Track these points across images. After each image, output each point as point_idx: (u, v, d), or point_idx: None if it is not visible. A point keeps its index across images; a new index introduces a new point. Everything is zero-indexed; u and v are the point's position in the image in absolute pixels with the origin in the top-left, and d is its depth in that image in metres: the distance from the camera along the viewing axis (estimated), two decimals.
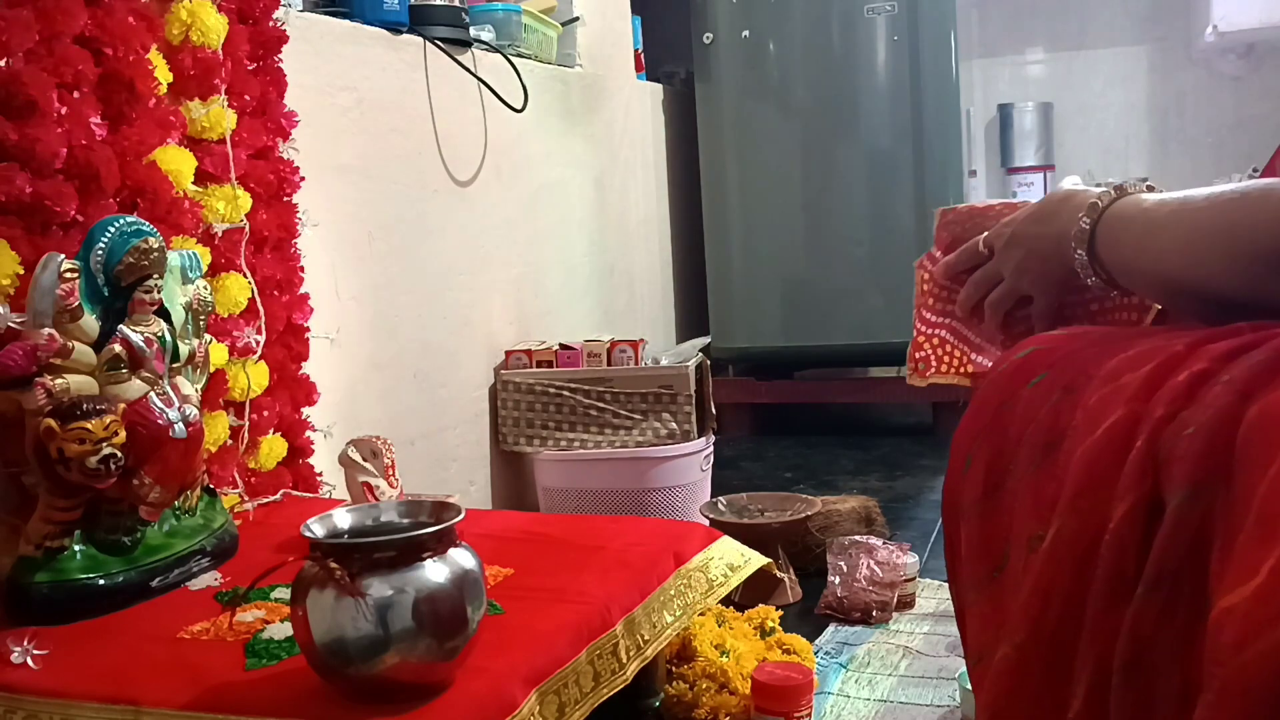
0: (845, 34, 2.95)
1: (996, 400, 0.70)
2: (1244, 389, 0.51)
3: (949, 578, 0.76)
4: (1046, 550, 0.58)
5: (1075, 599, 0.55)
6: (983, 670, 0.64)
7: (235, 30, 1.45)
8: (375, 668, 0.82)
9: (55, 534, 1.08)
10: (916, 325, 0.97)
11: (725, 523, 1.70)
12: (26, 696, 0.92)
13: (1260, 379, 0.51)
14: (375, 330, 1.85)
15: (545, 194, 2.49)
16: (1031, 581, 0.59)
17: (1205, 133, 3.93)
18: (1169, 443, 0.53)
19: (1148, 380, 0.57)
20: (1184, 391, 0.55)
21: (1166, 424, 0.54)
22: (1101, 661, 0.53)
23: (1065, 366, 0.66)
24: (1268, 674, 0.41)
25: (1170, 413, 0.54)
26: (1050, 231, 0.82)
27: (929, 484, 2.44)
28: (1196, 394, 0.54)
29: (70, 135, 1.20)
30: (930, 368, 0.96)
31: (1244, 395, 0.51)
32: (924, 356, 0.96)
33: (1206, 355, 0.56)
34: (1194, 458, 0.50)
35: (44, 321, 1.06)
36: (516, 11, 2.34)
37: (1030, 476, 0.63)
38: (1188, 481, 0.50)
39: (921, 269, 0.97)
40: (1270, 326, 0.58)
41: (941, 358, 0.95)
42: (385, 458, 1.37)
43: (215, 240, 1.42)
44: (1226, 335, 0.58)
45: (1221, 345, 0.57)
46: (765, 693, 1.24)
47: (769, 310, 3.08)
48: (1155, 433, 0.54)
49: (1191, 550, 0.49)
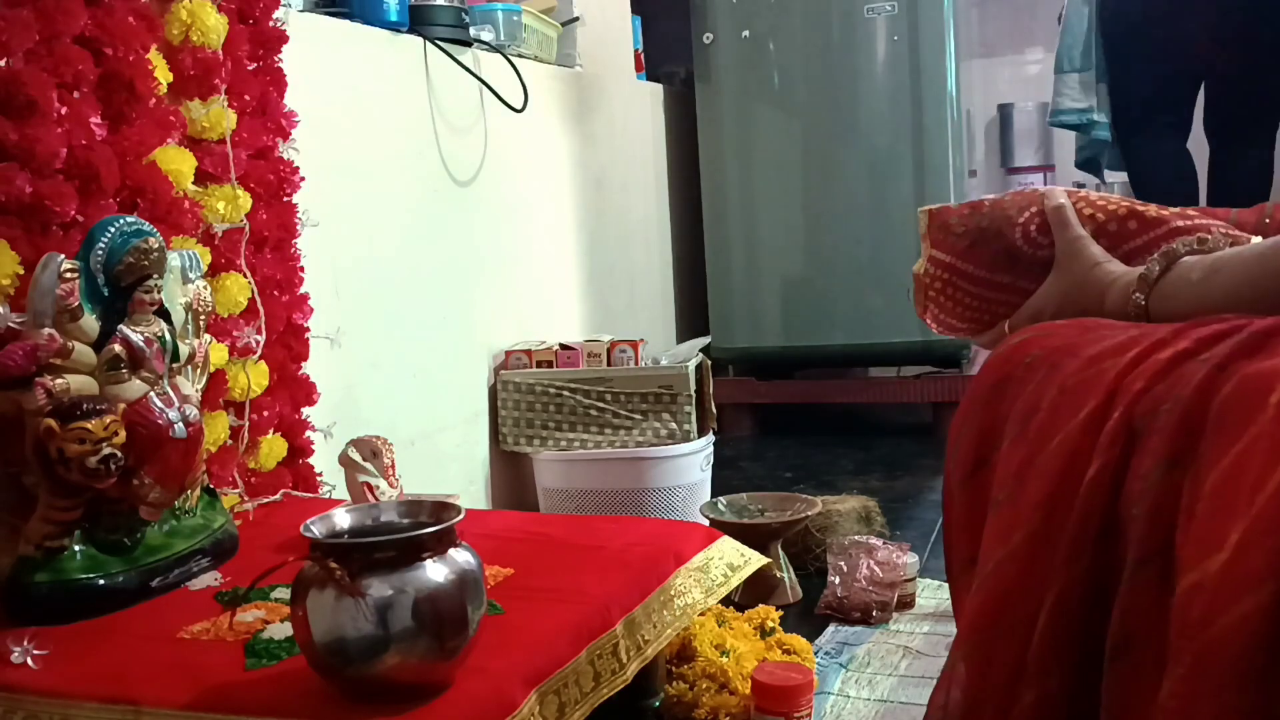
0: (845, 34, 2.95)
1: (990, 381, 0.71)
2: (1221, 364, 0.51)
3: (946, 565, 0.76)
4: (1007, 504, 0.59)
5: (1040, 542, 0.56)
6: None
7: (235, 30, 1.45)
8: (375, 668, 0.82)
9: (55, 534, 1.08)
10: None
11: (725, 523, 1.70)
12: (26, 696, 0.92)
13: (1238, 356, 0.52)
14: (375, 330, 1.85)
15: (545, 194, 2.49)
16: (998, 524, 0.60)
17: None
18: (1146, 416, 0.53)
19: (1131, 363, 0.58)
20: (1164, 368, 0.55)
21: (1143, 395, 0.54)
22: (1057, 612, 0.54)
23: (1056, 348, 0.67)
24: (1235, 647, 0.41)
25: (1148, 386, 0.55)
26: (1094, 309, 0.82)
27: (929, 484, 2.43)
28: (1176, 370, 0.54)
29: (70, 135, 1.20)
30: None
31: (1220, 369, 0.51)
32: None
33: (1190, 337, 0.57)
34: (1171, 431, 0.51)
35: (44, 321, 1.06)
36: (516, 11, 2.34)
37: (1006, 448, 0.64)
38: (1164, 457, 0.51)
39: (936, 266, 0.94)
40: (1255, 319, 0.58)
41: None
42: (385, 458, 1.37)
43: (215, 240, 1.42)
44: (1212, 323, 0.59)
45: (1205, 330, 0.58)
46: (765, 693, 1.24)
47: (769, 310, 3.08)
48: (1132, 404, 0.55)
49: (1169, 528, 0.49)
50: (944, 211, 0.95)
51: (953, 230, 0.94)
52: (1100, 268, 0.84)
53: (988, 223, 0.92)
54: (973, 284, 0.93)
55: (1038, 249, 0.90)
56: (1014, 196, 0.94)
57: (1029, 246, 0.90)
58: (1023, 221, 0.91)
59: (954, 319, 0.96)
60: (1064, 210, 0.89)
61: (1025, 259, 0.91)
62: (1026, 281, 0.91)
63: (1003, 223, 0.91)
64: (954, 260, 0.94)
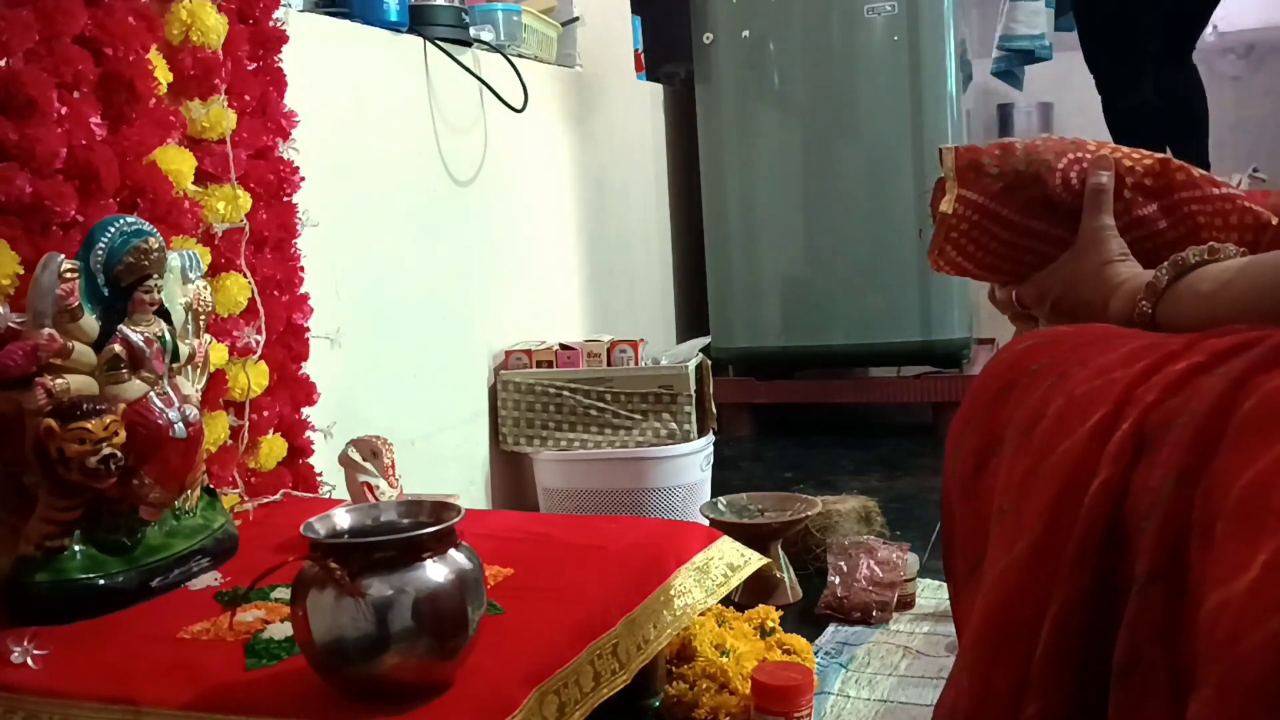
0: (845, 34, 2.95)
1: (994, 386, 0.70)
2: (1240, 378, 0.51)
3: (945, 571, 0.76)
4: (1011, 513, 0.59)
5: (1042, 552, 0.55)
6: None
7: (235, 30, 1.45)
8: (375, 668, 0.82)
9: (55, 534, 1.08)
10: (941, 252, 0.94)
11: (725, 523, 1.70)
12: (26, 696, 0.92)
13: (1257, 370, 0.51)
14: (375, 330, 1.85)
15: (545, 194, 2.49)
16: (1001, 534, 0.59)
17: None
18: (1159, 428, 0.53)
19: (1142, 374, 0.57)
20: (1178, 380, 0.54)
21: (1156, 407, 0.54)
22: (1061, 624, 0.53)
23: (1064, 356, 0.66)
24: (1263, 667, 0.41)
25: (1161, 398, 0.54)
26: (1098, 307, 0.82)
27: (929, 484, 2.43)
28: (1191, 384, 0.54)
29: (70, 135, 1.20)
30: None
31: (1239, 384, 0.51)
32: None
33: (1204, 350, 0.56)
34: (1185, 445, 0.50)
35: (44, 321, 1.06)
36: (516, 11, 2.34)
37: (1009, 455, 0.63)
38: (1177, 470, 0.50)
39: (967, 206, 0.91)
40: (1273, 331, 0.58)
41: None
42: (385, 458, 1.37)
43: (215, 240, 1.42)
44: (1226, 335, 0.58)
45: (1221, 342, 0.57)
46: (765, 693, 1.24)
47: (769, 310, 3.08)
48: (1143, 415, 0.54)
49: (1180, 544, 0.49)
50: (974, 150, 0.91)
51: (986, 171, 0.90)
52: (1111, 266, 0.83)
53: (1024, 166, 0.89)
54: (1004, 228, 0.90)
55: (1077, 198, 0.88)
56: (1046, 142, 0.91)
57: (1068, 195, 0.88)
58: (1062, 168, 0.88)
59: (971, 263, 0.93)
60: (1102, 194, 0.87)
61: (1064, 207, 0.88)
62: (1061, 230, 0.89)
63: (1041, 167, 0.89)
64: (986, 201, 0.90)
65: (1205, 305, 0.71)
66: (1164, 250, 0.87)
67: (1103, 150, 0.90)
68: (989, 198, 0.90)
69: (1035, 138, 0.92)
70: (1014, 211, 0.90)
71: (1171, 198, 0.89)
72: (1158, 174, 0.89)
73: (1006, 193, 0.90)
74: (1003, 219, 0.90)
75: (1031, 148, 0.90)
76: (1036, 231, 0.90)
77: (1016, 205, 0.90)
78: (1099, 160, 0.89)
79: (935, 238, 0.92)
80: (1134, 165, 0.90)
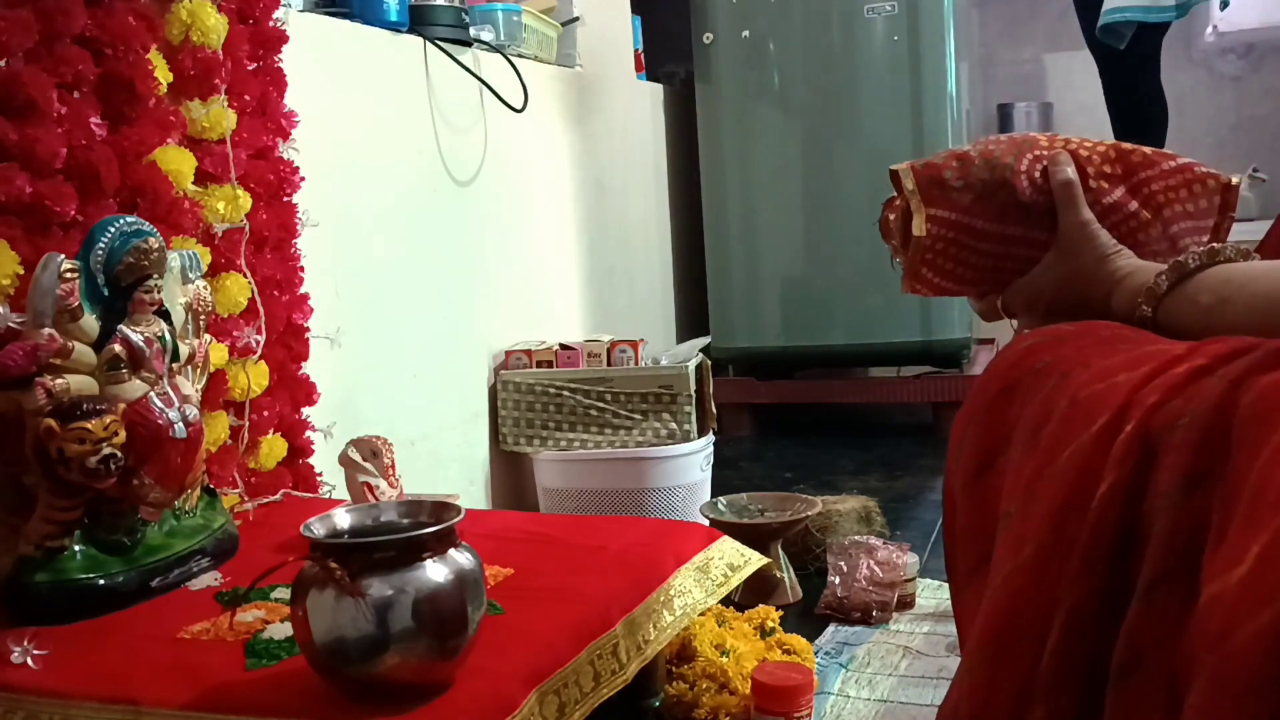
0: (845, 34, 2.95)
1: (997, 386, 0.70)
2: (1238, 379, 0.51)
3: (946, 570, 0.76)
4: (1018, 517, 0.58)
5: (1049, 556, 0.55)
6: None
7: (235, 30, 1.45)
8: (375, 668, 0.82)
9: (55, 534, 1.08)
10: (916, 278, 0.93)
11: (725, 523, 1.70)
12: (26, 696, 0.92)
13: (1254, 371, 0.51)
14: (375, 330, 1.85)
15: (545, 194, 2.49)
16: (1008, 538, 0.59)
17: (1205, 133, 3.92)
18: (1162, 433, 0.53)
19: (1144, 378, 0.57)
20: (1180, 382, 0.55)
21: (1158, 410, 0.54)
22: (1069, 628, 0.53)
23: (1067, 356, 0.66)
24: (1255, 659, 0.41)
25: (1163, 400, 0.54)
26: (1099, 302, 0.82)
27: (929, 484, 2.43)
28: (1192, 385, 0.54)
29: (70, 135, 1.20)
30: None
31: (1237, 384, 0.51)
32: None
33: (1205, 354, 0.56)
34: (1190, 449, 0.50)
35: (44, 321, 1.06)
36: (516, 11, 2.34)
37: (1016, 457, 0.63)
38: (1183, 474, 0.50)
39: (939, 225, 0.89)
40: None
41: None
42: (385, 458, 1.37)
43: (215, 240, 1.42)
44: (1227, 341, 0.59)
45: (1222, 345, 0.57)
46: (765, 693, 1.24)
47: (769, 310, 3.08)
48: (1146, 418, 0.54)
49: (1188, 547, 0.49)
50: (930, 166, 0.89)
51: (950, 185, 0.88)
52: (1109, 261, 0.83)
53: (988, 174, 0.88)
54: (982, 239, 0.89)
55: (1047, 196, 0.87)
56: (998, 145, 0.90)
57: (1038, 195, 0.87)
58: (1025, 169, 0.88)
59: (951, 280, 0.92)
60: (1073, 188, 0.86)
61: (1037, 208, 0.87)
62: (1038, 231, 0.88)
63: (1005, 171, 0.88)
64: (959, 216, 0.89)
65: (1204, 319, 0.71)
66: (1139, 231, 0.87)
67: (1056, 144, 0.90)
68: (960, 212, 0.89)
69: (983, 141, 0.91)
70: (989, 221, 0.89)
71: (1134, 179, 0.89)
72: (1114, 159, 0.89)
73: (978, 203, 0.88)
74: (979, 231, 0.89)
75: (987, 154, 0.89)
76: (1015, 237, 0.89)
77: (991, 214, 0.89)
78: (1057, 155, 0.88)
79: (909, 263, 0.91)
80: (1090, 154, 0.89)
